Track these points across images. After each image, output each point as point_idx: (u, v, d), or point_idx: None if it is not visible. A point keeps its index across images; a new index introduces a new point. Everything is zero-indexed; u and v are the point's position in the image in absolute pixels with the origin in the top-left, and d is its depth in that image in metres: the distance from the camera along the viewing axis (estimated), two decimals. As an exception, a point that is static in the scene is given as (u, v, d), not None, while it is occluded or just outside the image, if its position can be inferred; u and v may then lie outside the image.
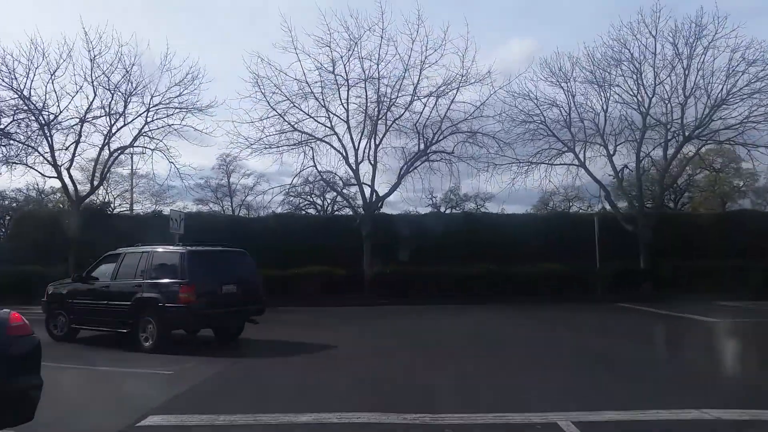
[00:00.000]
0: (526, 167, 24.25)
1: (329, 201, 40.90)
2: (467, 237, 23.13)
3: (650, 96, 23.06)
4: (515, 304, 19.22)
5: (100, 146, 22.86)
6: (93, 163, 23.03)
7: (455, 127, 22.80)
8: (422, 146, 22.90)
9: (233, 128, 25.51)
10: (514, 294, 20.50)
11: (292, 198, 42.50)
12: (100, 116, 22.29)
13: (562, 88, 23.73)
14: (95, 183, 23.00)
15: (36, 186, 32.48)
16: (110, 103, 22.22)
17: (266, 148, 22.64)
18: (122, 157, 23.37)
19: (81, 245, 21.09)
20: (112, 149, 22.93)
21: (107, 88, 21.95)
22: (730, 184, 36.67)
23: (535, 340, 12.89)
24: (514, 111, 23.65)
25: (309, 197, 43.79)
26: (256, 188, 40.20)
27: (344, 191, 25.16)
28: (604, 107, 23.63)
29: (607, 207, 26.09)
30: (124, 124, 22.87)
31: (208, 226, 23.04)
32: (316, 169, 23.02)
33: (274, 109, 22.11)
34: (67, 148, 22.36)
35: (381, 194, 23.24)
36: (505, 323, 15.89)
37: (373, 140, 22.88)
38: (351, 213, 26.17)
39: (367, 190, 23.10)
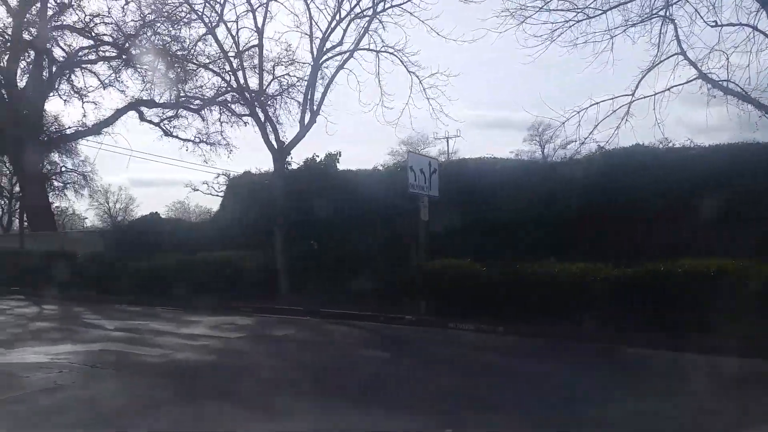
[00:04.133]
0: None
1: None
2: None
3: None
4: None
5: (310, 63, 15.31)
6: (304, 92, 15.28)
7: None
8: None
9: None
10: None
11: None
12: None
13: None
14: (306, 120, 14.87)
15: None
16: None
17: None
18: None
19: (299, 213, 14.85)
20: (322, 60, 14.97)
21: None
22: None
23: None
24: None
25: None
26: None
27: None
28: None
29: None
30: (342, 18, 14.69)
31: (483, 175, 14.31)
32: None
33: None
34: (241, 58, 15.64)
35: None
36: None
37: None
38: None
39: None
